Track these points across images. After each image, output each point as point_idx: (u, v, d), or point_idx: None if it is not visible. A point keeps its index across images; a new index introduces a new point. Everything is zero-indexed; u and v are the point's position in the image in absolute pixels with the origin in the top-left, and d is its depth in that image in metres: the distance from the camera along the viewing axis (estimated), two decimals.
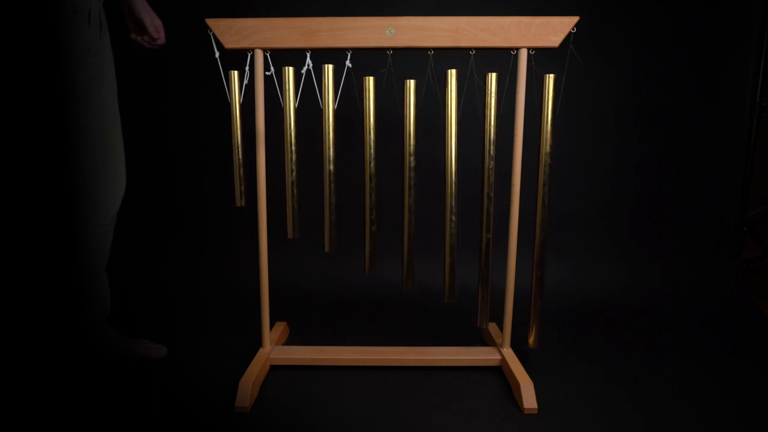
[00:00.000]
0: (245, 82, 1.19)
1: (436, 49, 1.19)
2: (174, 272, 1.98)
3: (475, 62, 1.87)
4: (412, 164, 1.23)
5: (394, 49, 1.19)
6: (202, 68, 1.95)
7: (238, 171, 1.23)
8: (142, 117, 2.00)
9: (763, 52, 1.91)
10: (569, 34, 1.17)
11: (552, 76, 1.19)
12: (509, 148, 1.89)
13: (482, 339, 1.52)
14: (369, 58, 1.88)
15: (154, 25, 1.22)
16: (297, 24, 1.16)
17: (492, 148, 1.22)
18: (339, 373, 1.29)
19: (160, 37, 1.24)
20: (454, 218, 1.24)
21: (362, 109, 1.19)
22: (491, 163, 1.22)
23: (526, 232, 1.94)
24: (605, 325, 1.63)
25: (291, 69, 1.20)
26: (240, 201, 1.26)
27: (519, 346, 1.43)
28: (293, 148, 1.23)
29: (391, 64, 1.92)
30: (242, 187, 1.25)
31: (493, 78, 1.19)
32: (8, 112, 1.10)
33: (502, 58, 1.88)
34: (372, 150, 1.23)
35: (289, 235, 1.26)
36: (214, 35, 1.18)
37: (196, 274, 1.97)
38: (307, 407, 1.13)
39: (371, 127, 1.22)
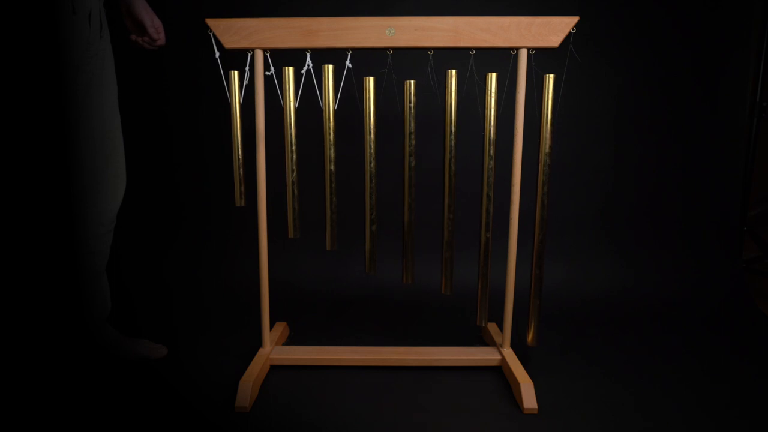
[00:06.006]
0: (245, 82, 1.19)
1: (436, 49, 1.19)
2: (174, 272, 1.98)
3: (475, 62, 1.87)
4: (412, 164, 1.23)
5: (394, 49, 1.19)
6: (202, 68, 1.95)
7: (238, 171, 1.23)
8: (142, 117, 2.00)
9: (763, 52, 1.90)
10: (569, 34, 1.17)
11: (552, 76, 1.19)
12: (509, 148, 1.89)
13: (482, 339, 1.52)
14: (369, 58, 1.88)
15: (154, 25, 1.21)
16: (297, 24, 1.16)
17: (492, 148, 1.22)
18: (339, 373, 1.29)
19: (160, 37, 1.24)
20: (451, 216, 1.24)
21: (362, 109, 1.19)
22: (491, 163, 1.22)
23: (526, 232, 1.94)
24: (605, 325, 1.63)
25: (291, 69, 1.20)
26: (240, 201, 1.26)
27: (519, 346, 1.43)
28: (293, 148, 1.23)
29: (391, 64, 1.92)
30: (242, 187, 1.25)
31: (493, 78, 1.19)
32: (8, 112, 1.10)
33: (502, 58, 1.88)
34: (372, 150, 1.23)
35: (290, 235, 1.26)
36: (214, 35, 1.18)
37: (196, 274, 1.97)
38: (307, 407, 1.13)
39: (371, 127, 1.22)
